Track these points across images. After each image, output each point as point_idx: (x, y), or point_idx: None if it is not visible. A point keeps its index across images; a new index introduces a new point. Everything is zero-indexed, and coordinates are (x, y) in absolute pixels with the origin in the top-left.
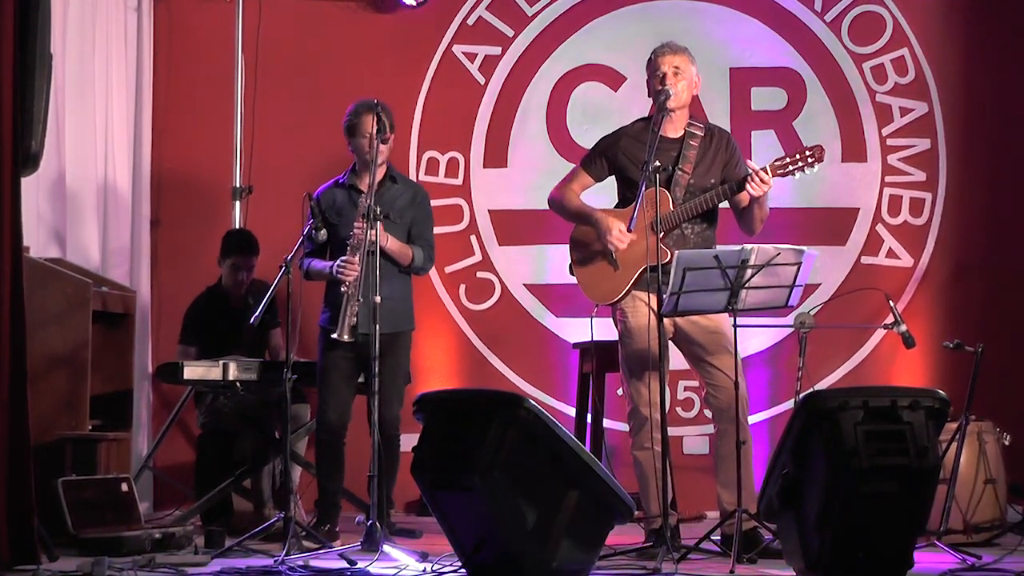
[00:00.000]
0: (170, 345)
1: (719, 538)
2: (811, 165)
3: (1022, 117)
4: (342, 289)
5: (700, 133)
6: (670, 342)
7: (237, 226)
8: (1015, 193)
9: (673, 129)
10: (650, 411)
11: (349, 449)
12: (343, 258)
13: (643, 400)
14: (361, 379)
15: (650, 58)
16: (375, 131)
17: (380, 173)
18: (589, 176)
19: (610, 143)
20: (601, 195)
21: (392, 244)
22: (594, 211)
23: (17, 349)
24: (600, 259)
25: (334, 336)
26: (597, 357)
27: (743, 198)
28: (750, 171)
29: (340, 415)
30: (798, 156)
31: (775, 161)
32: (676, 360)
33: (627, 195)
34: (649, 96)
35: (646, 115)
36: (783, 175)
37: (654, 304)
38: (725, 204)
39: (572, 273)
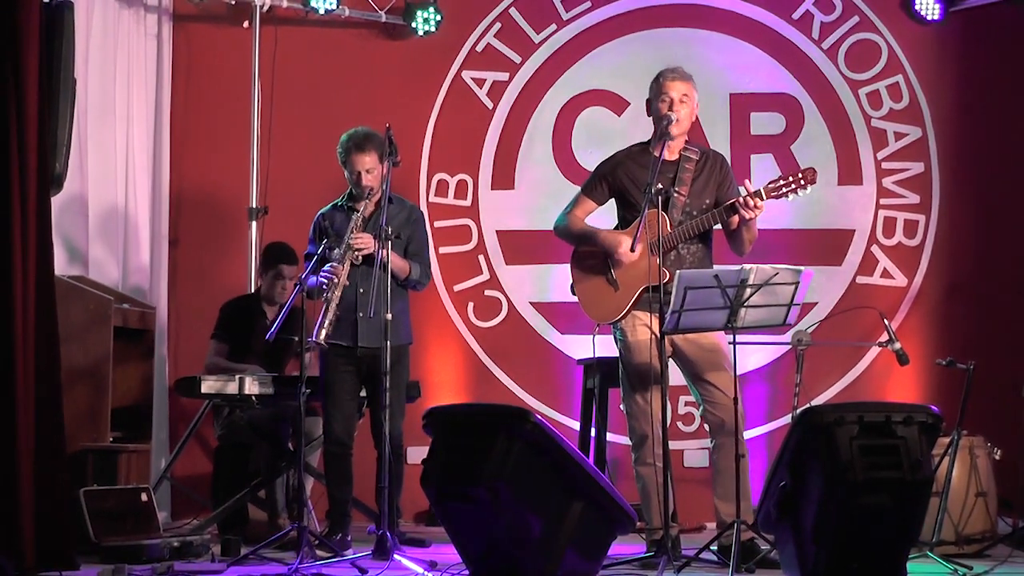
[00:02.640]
0: (188, 360)
1: (716, 549)
2: (803, 187)
3: (1012, 141)
4: (326, 295)
5: (695, 156)
6: (669, 360)
7: (253, 246)
8: (1006, 215)
9: (669, 152)
10: (651, 426)
11: (355, 461)
12: (329, 264)
13: (644, 416)
14: (362, 393)
15: (657, 79)
16: (387, 153)
17: (377, 195)
18: (591, 201)
19: (610, 167)
20: (602, 217)
21: (393, 258)
22: (598, 231)
23: (52, 362)
24: (601, 279)
25: (310, 340)
26: (600, 373)
27: (733, 220)
28: (743, 195)
29: (346, 428)
30: (791, 179)
31: (768, 184)
32: (675, 376)
33: (627, 217)
34: (648, 115)
35: (644, 139)
36: (776, 197)
37: (653, 324)
38: (719, 226)
39: (574, 292)
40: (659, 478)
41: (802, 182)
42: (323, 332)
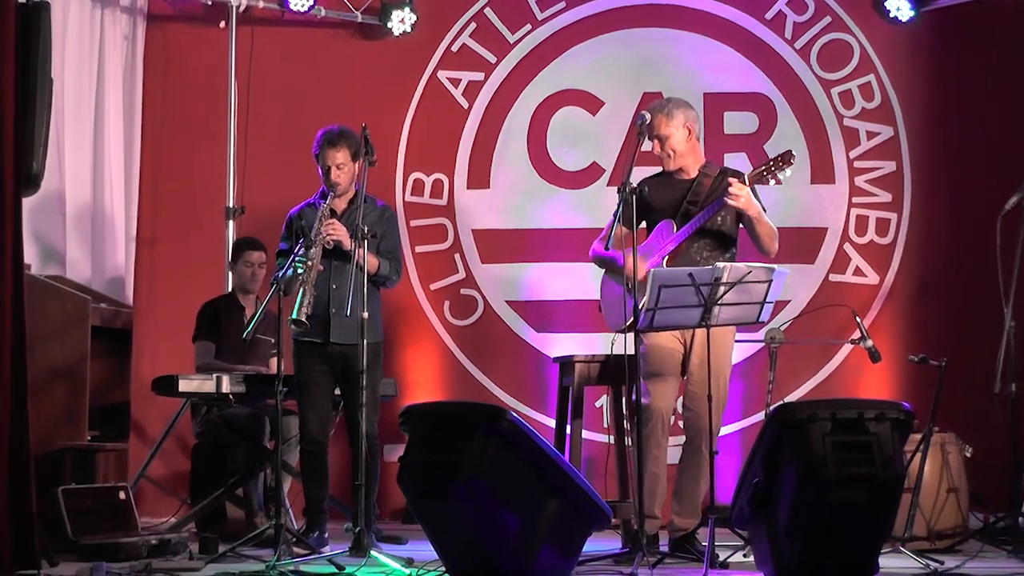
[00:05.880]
0: (164, 359)
1: (668, 542)
2: (782, 169)
3: (983, 140)
4: (301, 278)
5: (713, 174)
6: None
7: (230, 245)
8: (977, 213)
9: (685, 173)
10: (662, 415)
11: (331, 459)
12: (301, 247)
13: (655, 398)
14: (336, 391)
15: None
16: (364, 153)
17: (351, 193)
18: (622, 225)
19: (633, 190)
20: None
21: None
22: (616, 256)
23: (19, 363)
24: (619, 291)
25: (291, 317)
26: (576, 371)
27: (746, 212)
28: (726, 184)
29: (322, 427)
30: (771, 163)
31: (751, 172)
32: None
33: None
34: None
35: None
36: (757, 182)
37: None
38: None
39: (601, 311)
40: (654, 467)
41: (780, 164)
42: (303, 311)
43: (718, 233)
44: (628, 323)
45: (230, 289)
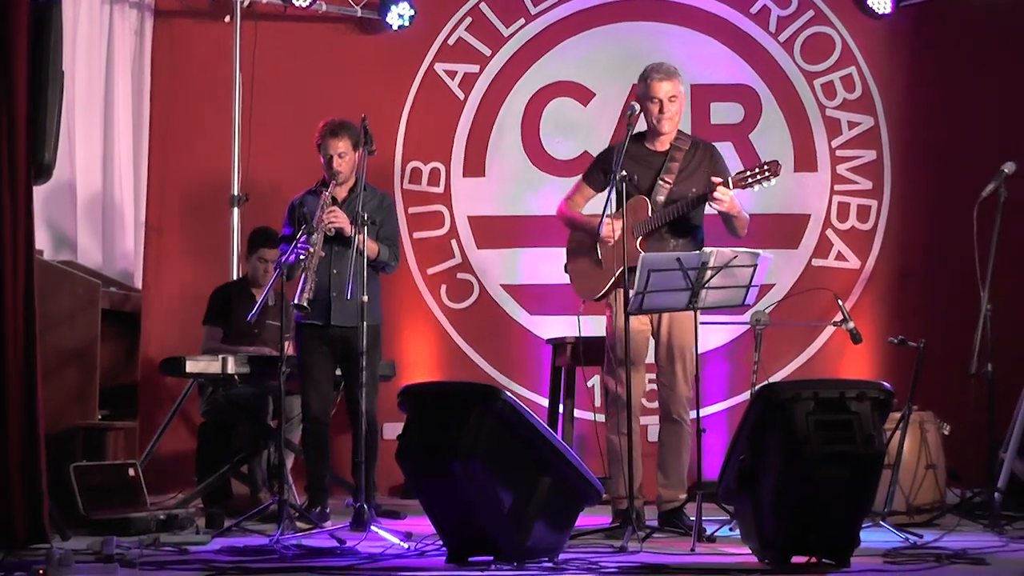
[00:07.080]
0: (173, 342)
1: (657, 516)
2: (768, 179)
3: (960, 130)
4: (303, 265)
5: (685, 147)
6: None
7: (235, 231)
8: (954, 200)
9: (660, 144)
10: (628, 399)
11: (332, 437)
12: (303, 236)
13: (623, 386)
14: (337, 372)
15: (644, 80)
16: (363, 143)
17: (351, 182)
18: (590, 188)
19: (607, 157)
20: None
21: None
22: (588, 218)
23: (29, 346)
24: (588, 259)
25: (294, 302)
26: (568, 352)
27: (728, 213)
28: (711, 186)
29: (323, 406)
30: (757, 170)
31: (736, 174)
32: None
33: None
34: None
35: (638, 131)
36: (743, 187)
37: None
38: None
39: (566, 271)
40: (624, 451)
41: (767, 173)
42: (305, 296)
43: (685, 219)
44: (601, 293)
45: (238, 275)
